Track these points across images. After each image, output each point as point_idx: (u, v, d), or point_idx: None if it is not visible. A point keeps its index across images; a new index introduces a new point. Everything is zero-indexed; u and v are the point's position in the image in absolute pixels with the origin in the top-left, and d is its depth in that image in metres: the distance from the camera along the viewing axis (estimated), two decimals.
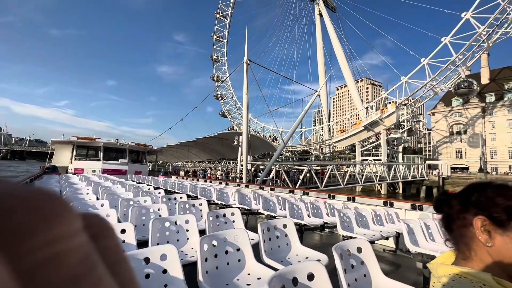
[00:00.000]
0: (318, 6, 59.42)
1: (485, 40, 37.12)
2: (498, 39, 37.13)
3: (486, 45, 37.85)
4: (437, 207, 0.88)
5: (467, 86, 41.50)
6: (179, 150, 35.85)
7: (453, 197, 0.84)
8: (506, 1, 33.88)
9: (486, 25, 35.68)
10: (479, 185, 0.81)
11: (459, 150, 58.81)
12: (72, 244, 0.18)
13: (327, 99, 65.24)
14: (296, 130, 28.07)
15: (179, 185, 10.17)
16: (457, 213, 0.80)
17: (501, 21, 35.72)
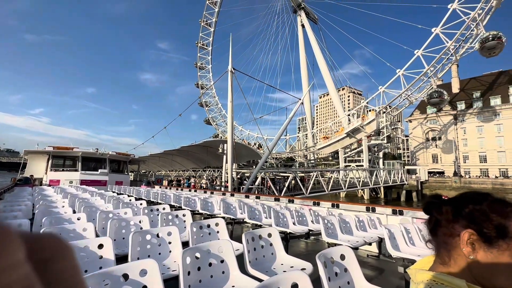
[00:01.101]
0: (300, 17, 61.42)
1: (453, 54, 40.09)
2: (464, 52, 40.22)
3: (454, 58, 40.82)
4: (426, 209, 0.88)
5: (438, 96, 44.31)
6: (162, 158, 34.98)
7: (446, 203, 0.83)
8: (470, 19, 36.92)
9: (453, 40, 38.62)
10: (476, 196, 0.81)
11: (435, 155, 61.85)
12: (11, 279, 0.17)
13: (310, 107, 66.73)
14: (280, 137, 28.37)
15: (162, 195, 9.88)
16: (447, 221, 0.80)
17: (466, 36, 38.86)
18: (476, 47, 38.00)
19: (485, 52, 37.99)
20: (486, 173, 54.56)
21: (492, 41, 36.26)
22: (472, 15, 36.85)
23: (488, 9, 36.82)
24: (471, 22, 37.22)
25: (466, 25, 37.61)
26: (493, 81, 60.22)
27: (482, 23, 37.41)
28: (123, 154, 21.71)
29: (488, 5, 36.49)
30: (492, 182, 43.47)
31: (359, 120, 48.86)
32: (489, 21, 37.79)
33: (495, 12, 37.28)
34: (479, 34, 37.40)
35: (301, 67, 63.74)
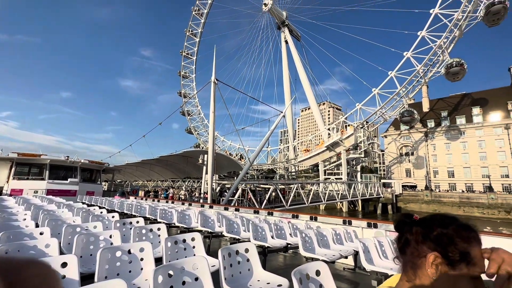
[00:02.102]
0: (284, 34, 63.75)
1: (422, 76, 43.49)
2: (432, 76, 43.80)
3: (423, 80, 44.25)
4: (398, 227, 0.94)
5: (409, 115, 47.49)
6: (140, 168, 33.65)
7: (416, 223, 0.89)
8: (437, 46, 40.50)
9: (422, 64, 42.05)
10: (444, 219, 0.87)
11: (408, 170, 65.16)
12: None
13: (292, 120, 68.21)
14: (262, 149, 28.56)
15: (137, 207, 9.43)
16: (416, 242, 0.86)
17: (433, 62, 42.46)
18: (442, 72, 41.55)
19: (450, 77, 41.55)
20: (454, 187, 58.16)
21: (456, 67, 39.89)
22: (439, 42, 40.45)
23: (452, 39, 40.67)
24: (438, 49, 40.84)
25: (433, 51, 41.15)
26: (458, 102, 65.54)
27: (447, 50, 41.12)
28: (96, 162, 20.62)
29: (452, 35, 40.33)
30: (459, 196, 46.37)
31: (338, 134, 50.62)
32: (453, 49, 41.70)
33: (458, 41, 41.28)
34: (445, 60, 41.01)
35: (284, 81, 65.54)
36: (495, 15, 37.24)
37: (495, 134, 55.53)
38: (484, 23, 39.01)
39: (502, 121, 55.34)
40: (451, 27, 39.60)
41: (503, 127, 54.59)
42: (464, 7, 38.28)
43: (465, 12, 38.66)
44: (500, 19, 37.94)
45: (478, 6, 38.34)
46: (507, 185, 52.36)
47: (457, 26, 39.72)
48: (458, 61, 39.94)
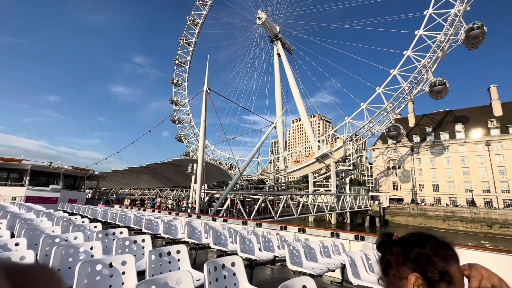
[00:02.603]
0: (277, 47, 65.28)
1: (408, 93, 45.30)
2: (417, 93, 45.65)
3: (409, 97, 46.04)
4: (379, 247, 0.95)
5: (395, 130, 49.12)
6: (126, 176, 32.75)
7: (396, 243, 0.91)
8: (421, 65, 42.52)
9: (408, 82, 43.91)
10: (422, 238, 0.89)
11: (395, 183, 66.45)
12: None
13: (283, 131, 68.83)
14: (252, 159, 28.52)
15: (122, 216, 9.13)
16: (396, 263, 0.87)
17: (418, 80, 44.40)
18: (426, 90, 43.49)
19: (433, 95, 43.47)
20: (439, 201, 59.57)
21: (439, 86, 41.85)
22: (423, 62, 42.48)
23: (435, 59, 42.83)
24: (422, 68, 42.87)
25: (418, 70, 43.15)
26: (442, 119, 68.24)
27: (431, 69, 43.18)
28: (80, 169, 19.95)
29: (435, 55, 42.51)
30: (444, 209, 47.48)
31: (328, 147, 51.34)
32: (436, 69, 43.85)
33: (441, 61, 43.53)
34: (429, 79, 42.99)
35: (276, 93, 66.51)
36: (474, 39, 39.71)
37: (476, 150, 57.82)
38: (465, 46, 41.43)
39: (482, 138, 57.81)
40: (435, 48, 41.77)
41: (484, 143, 57.00)
42: (446, 30, 40.59)
43: (447, 35, 40.97)
44: (479, 42, 40.45)
45: (459, 30, 40.75)
46: (489, 199, 54.13)
47: (440, 48, 41.97)
48: (441, 80, 41.93)
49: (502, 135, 55.67)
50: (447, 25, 40.37)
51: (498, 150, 55.34)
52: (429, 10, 42.37)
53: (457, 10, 39.68)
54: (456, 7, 39.65)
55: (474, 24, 39.28)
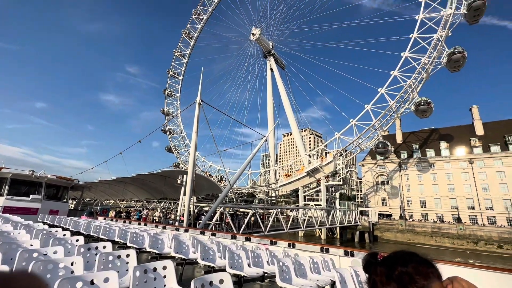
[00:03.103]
0: (270, 62, 66.92)
1: (395, 111, 46.94)
2: (404, 112, 47.39)
3: (396, 115, 47.67)
4: (365, 268, 0.97)
5: (383, 146, 50.26)
6: (113, 186, 31.78)
7: (380, 263, 0.94)
8: (407, 85, 44.43)
9: (395, 100, 45.68)
10: (404, 256, 0.92)
11: (383, 199, 67.17)
12: None
13: (274, 144, 69.21)
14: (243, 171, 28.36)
15: (106, 229, 8.77)
16: (381, 284, 0.89)
17: (404, 99, 46.20)
18: (412, 109, 45.27)
19: (419, 114, 45.23)
20: (426, 217, 60.36)
21: (424, 105, 43.66)
22: (409, 82, 44.44)
23: (420, 80, 44.93)
24: (408, 87, 44.79)
25: (404, 90, 45.05)
26: (428, 137, 70.54)
27: (416, 89, 45.16)
28: (65, 178, 19.22)
29: (420, 76, 44.63)
30: (431, 226, 48.07)
31: (318, 161, 51.80)
32: (421, 89, 45.91)
33: (425, 82, 45.63)
34: (414, 98, 44.85)
35: (268, 106, 67.39)
36: (456, 63, 42.04)
37: (461, 168, 59.64)
38: (447, 68, 43.71)
39: (466, 156, 59.87)
40: (419, 70, 43.90)
41: (468, 161, 58.96)
42: (430, 53, 42.89)
43: (431, 58, 43.26)
44: (460, 66, 42.80)
45: (441, 54, 43.13)
46: (473, 216, 55.31)
47: (424, 69, 44.13)
48: (426, 100, 43.77)
49: (484, 154, 57.87)
50: (430, 48, 42.69)
51: (481, 168, 57.28)
52: (414, 34, 44.83)
53: (439, 35, 42.15)
54: (439, 32, 42.15)
55: (455, 49, 41.71)
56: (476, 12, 41.19)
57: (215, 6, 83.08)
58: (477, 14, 41.55)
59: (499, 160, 56.00)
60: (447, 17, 41.79)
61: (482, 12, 41.29)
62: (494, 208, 53.74)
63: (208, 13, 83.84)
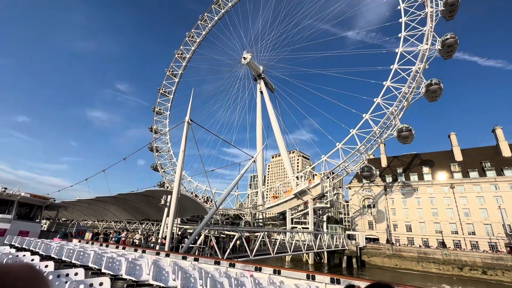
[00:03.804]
0: (260, 85, 68.91)
1: (379, 136, 48.75)
2: (387, 137, 49.26)
3: (380, 140, 49.44)
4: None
5: (368, 170, 51.34)
6: (92, 206, 30.16)
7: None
8: (389, 112, 46.69)
9: (378, 126, 47.67)
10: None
11: (370, 222, 67.20)
12: None
13: (262, 166, 69.08)
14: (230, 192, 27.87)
15: (80, 253, 8.19)
16: None
17: (387, 125, 48.25)
18: (395, 135, 47.22)
19: (401, 140, 47.20)
20: (412, 242, 60.49)
21: (405, 132, 45.75)
22: (391, 109, 46.77)
23: (401, 107, 47.43)
24: (390, 114, 46.99)
25: (386, 116, 47.26)
26: (410, 162, 72.92)
27: (398, 116, 47.45)
28: (39, 196, 18.12)
29: (401, 104, 47.17)
30: (418, 251, 48.09)
31: (306, 183, 51.87)
32: (403, 116, 48.32)
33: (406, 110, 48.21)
34: (396, 125, 46.98)
35: (257, 128, 68.24)
36: (433, 93, 45.00)
37: (443, 192, 61.34)
38: (426, 98, 46.56)
39: (447, 180, 61.92)
40: (400, 98, 46.50)
41: (449, 186, 60.87)
42: (409, 83, 45.79)
43: (411, 88, 46.14)
44: (437, 96, 45.77)
45: (420, 84, 46.11)
46: (457, 241, 56.01)
47: (405, 98, 46.76)
48: (407, 126, 45.94)
49: (464, 179, 60.11)
50: (410, 79, 45.64)
51: (462, 193, 59.15)
52: (395, 65, 48.02)
53: (417, 67, 45.36)
54: (417, 65, 45.40)
55: (432, 81, 44.84)
56: (450, 49, 45.09)
57: (209, 30, 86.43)
58: (450, 51, 45.48)
59: (477, 186, 58.19)
60: (423, 52, 45.29)
61: (454, 48, 45.21)
62: (476, 233, 54.83)
63: (202, 36, 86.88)
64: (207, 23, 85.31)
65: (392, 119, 47.37)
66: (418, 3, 48.51)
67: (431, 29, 45.48)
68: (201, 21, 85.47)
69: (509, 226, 51.21)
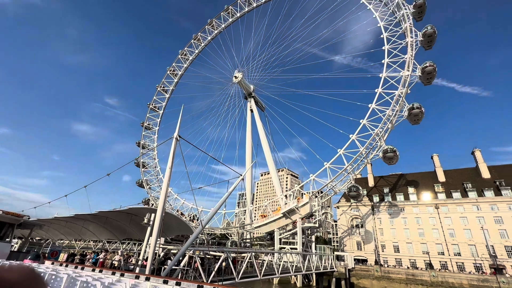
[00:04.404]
0: (250, 103, 70.07)
1: (365, 157, 49.88)
2: (373, 158, 50.41)
3: (366, 160, 50.54)
4: None
5: (355, 190, 51.88)
6: (70, 224, 28.46)
7: None
8: (375, 133, 48.24)
9: (364, 147, 48.96)
10: None
11: (358, 243, 66.68)
12: None
13: (251, 183, 68.47)
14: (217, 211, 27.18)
15: (51, 277, 7.61)
16: None
17: (373, 146, 49.67)
18: (380, 155, 48.47)
19: (386, 160, 48.49)
20: (400, 263, 60.12)
21: (390, 153, 47.16)
22: (376, 131, 48.39)
23: (386, 129, 49.19)
24: (376, 135, 48.52)
25: (372, 137, 48.78)
26: (396, 182, 74.39)
27: (383, 138, 49.02)
28: (12, 213, 16.96)
29: (386, 126, 48.95)
30: (406, 272, 47.74)
31: (294, 202, 51.49)
32: (388, 137, 50.01)
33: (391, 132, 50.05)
34: (382, 146, 48.43)
35: (246, 145, 68.38)
36: (415, 116, 47.20)
37: (428, 213, 62.32)
38: (408, 121, 48.65)
39: (432, 201, 63.21)
40: (385, 120, 48.35)
41: (434, 206, 62.05)
42: (393, 106, 47.94)
43: (394, 111, 48.26)
44: (419, 120, 47.99)
45: (403, 107, 48.32)
46: (444, 262, 56.18)
47: (389, 120, 48.68)
48: (392, 148, 47.44)
49: (447, 199, 61.59)
50: (393, 102, 47.82)
51: (446, 213, 60.30)
52: (379, 89, 50.37)
53: (400, 92, 47.77)
54: (399, 89, 47.84)
55: (414, 105, 47.16)
56: (429, 76, 48.11)
57: (202, 49, 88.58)
58: (430, 77, 48.51)
59: (460, 206, 59.66)
60: (405, 78, 47.98)
61: (433, 76, 48.24)
62: (462, 253, 55.36)
63: (195, 54, 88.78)
64: (200, 42, 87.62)
65: (378, 140, 48.87)
66: (399, 33, 52.09)
67: (412, 57, 48.55)
68: (195, 40, 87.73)
69: (492, 247, 52.13)
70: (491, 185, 60.35)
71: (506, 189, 57.48)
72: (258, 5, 78.14)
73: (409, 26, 50.11)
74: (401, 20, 52.55)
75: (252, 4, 78.88)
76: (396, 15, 53.77)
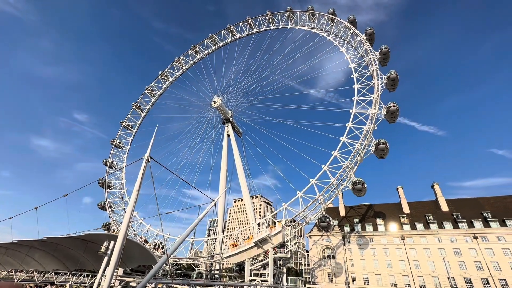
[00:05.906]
0: (227, 128, 70.56)
1: (336, 187, 51.49)
2: (343, 188, 52.22)
3: (337, 190, 52.11)
4: None
5: (326, 221, 52.43)
6: (12, 251, 24.81)
7: None
8: (345, 165, 50.55)
9: (335, 178, 50.71)
10: None
11: (330, 274, 65.75)
12: None
13: (224, 210, 66.40)
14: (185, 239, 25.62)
15: None
16: None
17: (343, 177, 51.72)
18: (350, 187, 50.37)
19: (355, 192, 50.51)
20: None
21: (359, 185, 49.27)
22: (346, 163, 50.83)
23: (355, 162, 51.83)
24: (346, 167, 50.78)
25: (342, 169, 50.93)
26: (365, 212, 76.75)
27: (353, 170, 51.39)
28: None
29: (355, 159, 51.66)
30: None
31: (267, 230, 50.36)
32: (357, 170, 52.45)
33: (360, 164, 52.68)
34: (351, 178, 50.59)
35: (221, 170, 67.38)
36: (381, 151, 50.76)
37: (395, 244, 64.21)
38: (375, 155, 51.97)
39: (398, 232, 65.59)
40: (354, 153, 51.15)
41: (400, 237, 64.27)
42: (361, 141, 51.19)
43: (363, 145, 51.45)
44: (385, 154, 51.58)
45: (371, 142, 51.80)
46: None
47: (358, 153, 51.57)
48: (360, 180, 49.75)
49: (412, 231, 64.36)
50: (362, 137, 51.18)
51: (411, 244, 62.58)
52: (349, 123, 53.86)
53: (368, 127, 51.47)
54: (367, 125, 51.59)
55: (380, 140, 50.85)
56: (393, 115, 53.00)
57: (183, 72, 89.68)
58: (394, 116, 53.41)
59: (424, 238, 62.50)
60: (372, 115, 52.15)
61: (396, 115, 53.16)
62: (427, 285, 56.75)
63: (175, 76, 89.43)
64: (182, 65, 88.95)
65: (348, 172, 50.99)
66: (367, 74, 57.59)
67: (378, 97, 53.35)
68: (176, 62, 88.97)
69: (453, 278, 54.28)
70: (449, 217, 64.64)
71: (462, 221, 61.84)
72: (241, 37, 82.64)
73: (375, 69, 55.78)
74: (369, 64, 58.41)
75: (235, 36, 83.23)
76: (364, 59, 59.80)
